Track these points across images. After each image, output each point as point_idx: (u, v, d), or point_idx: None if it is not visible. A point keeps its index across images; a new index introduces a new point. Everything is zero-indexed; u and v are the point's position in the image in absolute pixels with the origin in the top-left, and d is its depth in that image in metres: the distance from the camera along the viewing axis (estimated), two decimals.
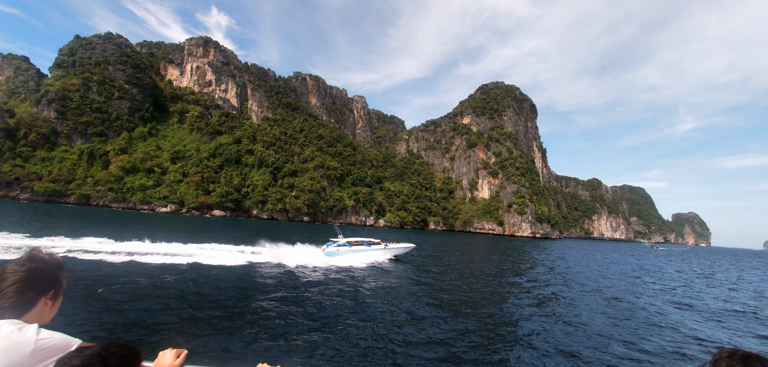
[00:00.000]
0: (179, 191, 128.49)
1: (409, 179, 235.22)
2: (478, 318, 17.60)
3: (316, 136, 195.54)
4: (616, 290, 30.20)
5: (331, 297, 19.44)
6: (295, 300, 18.06)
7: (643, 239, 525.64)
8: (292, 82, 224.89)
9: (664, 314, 21.88)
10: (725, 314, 23.77)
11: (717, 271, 60.12)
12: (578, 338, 15.76)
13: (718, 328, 19.60)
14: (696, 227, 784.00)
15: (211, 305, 16.10)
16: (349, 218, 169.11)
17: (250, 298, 17.88)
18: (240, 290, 19.28)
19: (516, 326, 16.97)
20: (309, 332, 13.71)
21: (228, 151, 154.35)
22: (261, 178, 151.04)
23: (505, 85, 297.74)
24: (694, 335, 17.67)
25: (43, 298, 2.10)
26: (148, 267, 22.62)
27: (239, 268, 25.52)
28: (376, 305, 18.44)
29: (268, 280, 22.45)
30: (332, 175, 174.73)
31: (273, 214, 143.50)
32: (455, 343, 13.76)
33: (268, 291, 19.49)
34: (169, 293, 17.20)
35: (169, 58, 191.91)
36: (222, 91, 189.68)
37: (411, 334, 14.45)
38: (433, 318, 16.91)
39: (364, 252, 36.60)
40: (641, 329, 17.92)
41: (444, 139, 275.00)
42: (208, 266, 24.63)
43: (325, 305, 17.75)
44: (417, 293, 22.57)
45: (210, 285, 19.49)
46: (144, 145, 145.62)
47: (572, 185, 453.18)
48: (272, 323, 14.31)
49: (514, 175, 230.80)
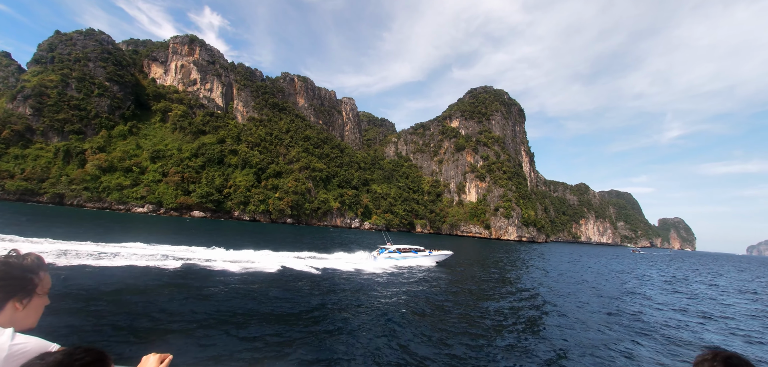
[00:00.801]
0: (158, 191, 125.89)
1: (396, 182, 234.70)
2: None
3: (302, 137, 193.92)
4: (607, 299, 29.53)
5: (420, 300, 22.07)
6: (382, 302, 20.64)
7: (630, 243, 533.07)
8: (279, 83, 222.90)
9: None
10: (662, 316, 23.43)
11: (678, 275, 60.38)
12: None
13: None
14: (681, 232, 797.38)
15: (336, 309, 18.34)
16: (334, 220, 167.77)
17: (338, 301, 20.21)
18: (322, 295, 21.13)
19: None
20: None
21: (210, 151, 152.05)
22: (244, 179, 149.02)
23: (494, 89, 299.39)
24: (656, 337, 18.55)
25: (12, 301, 2.03)
26: (231, 274, 24.22)
27: (302, 274, 27.31)
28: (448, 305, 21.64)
29: (345, 285, 25.16)
30: (318, 177, 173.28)
31: (255, 215, 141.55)
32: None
33: (352, 296, 21.95)
34: (269, 299, 18.64)
35: (153, 56, 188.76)
36: (207, 90, 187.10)
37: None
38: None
39: (411, 258, 40.39)
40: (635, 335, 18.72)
41: (433, 142, 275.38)
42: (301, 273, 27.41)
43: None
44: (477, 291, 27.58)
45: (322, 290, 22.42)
46: (123, 143, 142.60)
47: (560, 189, 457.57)
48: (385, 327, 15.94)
49: (501, 179, 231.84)
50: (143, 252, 28.03)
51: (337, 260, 36.53)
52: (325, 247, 50.52)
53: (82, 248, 26.67)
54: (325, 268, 30.86)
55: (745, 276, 67.99)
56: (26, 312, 2.10)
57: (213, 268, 25.54)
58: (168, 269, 23.48)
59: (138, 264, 23.82)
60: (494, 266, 48.83)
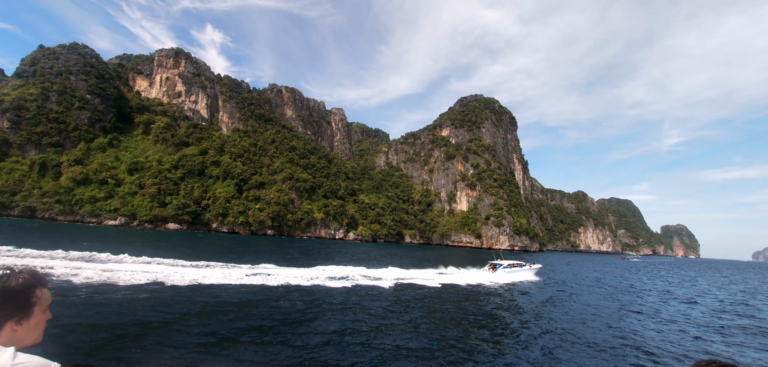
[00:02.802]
0: (132, 204, 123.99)
1: (386, 192, 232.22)
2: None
3: (288, 147, 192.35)
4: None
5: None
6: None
7: (631, 251, 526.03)
8: (266, 94, 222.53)
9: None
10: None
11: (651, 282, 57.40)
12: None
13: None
14: (685, 239, 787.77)
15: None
16: (318, 231, 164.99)
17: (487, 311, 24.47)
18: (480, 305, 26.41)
19: None
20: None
21: (191, 162, 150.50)
22: (224, 190, 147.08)
23: (484, 98, 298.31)
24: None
25: (9, 322, 1.99)
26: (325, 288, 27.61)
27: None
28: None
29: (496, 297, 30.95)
30: (302, 188, 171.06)
31: (234, 227, 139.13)
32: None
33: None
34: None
35: (138, 69, 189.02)
36: (192, 102, 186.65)
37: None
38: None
39: (519, 271, 47.59)
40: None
41: (423, 151, 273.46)
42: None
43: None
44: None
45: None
46: (102, 156, 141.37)
47: (558, 197, 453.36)
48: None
49: (491, 187, 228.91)
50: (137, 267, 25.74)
51: (458, 275, 42.96)
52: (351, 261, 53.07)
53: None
54: (453, 283, 36.53)
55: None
56: (26, 330, 2.06)
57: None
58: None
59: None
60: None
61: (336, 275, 33.28)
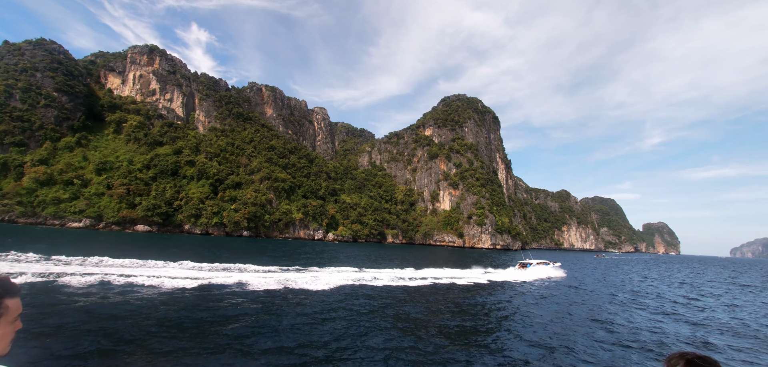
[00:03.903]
0: (99, 205, 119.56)
1: (368, 191, 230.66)
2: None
3: (267, 147, 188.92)
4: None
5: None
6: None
7: (614, 248, 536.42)
8: (245, 93, 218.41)
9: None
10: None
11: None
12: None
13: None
14: (666, 237, 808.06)
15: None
16: (296, 232, 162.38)
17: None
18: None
19: None
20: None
21: (164, 162, 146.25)
22: (198, 191, 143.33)
23: (467, 97, 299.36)
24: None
25: None
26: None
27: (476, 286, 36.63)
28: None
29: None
30: (280, 188, 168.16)
31: (208, 228, 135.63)
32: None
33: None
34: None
35: (110, 66, 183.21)
36: (167, 100, 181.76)
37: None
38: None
39: (545, 267, 56.23)
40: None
41: (406, 150, 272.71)
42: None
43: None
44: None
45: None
46: (69, 155, 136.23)
47: (542, 196, 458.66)
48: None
49: (474, 186, 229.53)
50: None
51: (497, 274, 48.71)
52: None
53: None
54: (496, 280, 42.61)
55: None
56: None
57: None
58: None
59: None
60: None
61: (391, 277, 35.80)
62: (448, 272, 44.98)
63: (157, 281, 24.29)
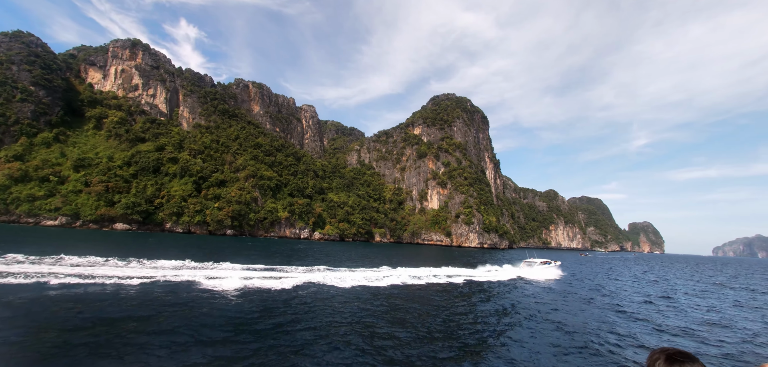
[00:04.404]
0: (76, 202, 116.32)
1: (356, 190, 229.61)
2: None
3: (253, 144, 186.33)
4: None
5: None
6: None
7: (600, 247, 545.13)
8: (232, 89, 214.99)
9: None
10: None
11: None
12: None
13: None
14: (650, 236, 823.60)
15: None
16: (282, 230, 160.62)
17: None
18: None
19: None
20: None
21: (145, 158, 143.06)
22: (181, 188, 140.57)
23: (456, 97, 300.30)
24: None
25: None
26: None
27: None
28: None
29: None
30: (266, 186, 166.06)
31: (190, 227, 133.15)
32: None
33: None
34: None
35: (91, 61, 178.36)
36: (149, 95, 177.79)
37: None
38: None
39: (548, 267, 60.87)
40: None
41: (395, 149, 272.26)
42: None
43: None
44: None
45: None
46: (46, 152, 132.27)
47: (530, 196, 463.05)
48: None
49: (462, 186, 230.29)
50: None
51: (504, 272, 53.56)
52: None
53: None
54: (503, 279, 46.35)
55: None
56: None
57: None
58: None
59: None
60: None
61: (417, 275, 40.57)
62: (452, 270, 48.69)
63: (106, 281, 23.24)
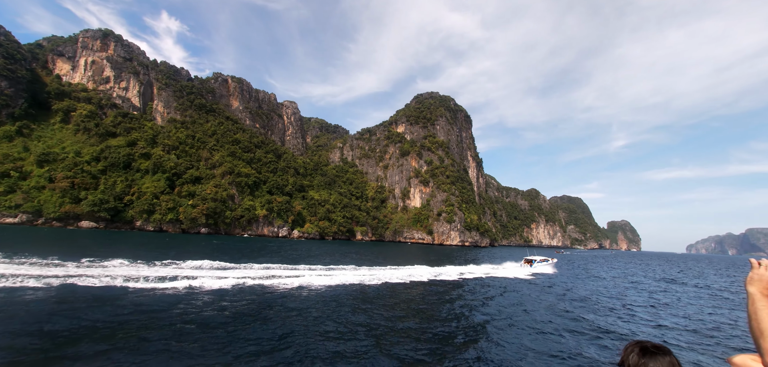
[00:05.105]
0: (39, 199, 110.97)
1: (339, 188, 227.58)
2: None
3: (231, 140, 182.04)
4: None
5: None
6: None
7: (580, 245, 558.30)
8: (209, 83, 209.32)
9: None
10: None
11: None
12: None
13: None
14: (628, 234, 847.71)
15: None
16: (260, 228, 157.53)
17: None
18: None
19: None
20: None
21: (116, 154, 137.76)
22: (153, 185, 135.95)
23: (440, 95, 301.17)
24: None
25: None
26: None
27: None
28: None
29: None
30: (243, 183, 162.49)
31: (162, 225, 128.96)
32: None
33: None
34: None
35: (59, 51, 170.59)
36: (121, 89, 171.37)
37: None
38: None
39: (547, 264, 64.68)
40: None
41: (378, 147, 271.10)
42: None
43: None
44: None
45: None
46: (7, 146, 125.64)
47: (513, 194, 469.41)
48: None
49: (444, 184, 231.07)
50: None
51: (504, 270, 54.86)
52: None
53: None
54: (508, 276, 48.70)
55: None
56: None
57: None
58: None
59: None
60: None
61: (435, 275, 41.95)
62: (459, 269, 51.39)
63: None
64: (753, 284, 2.32)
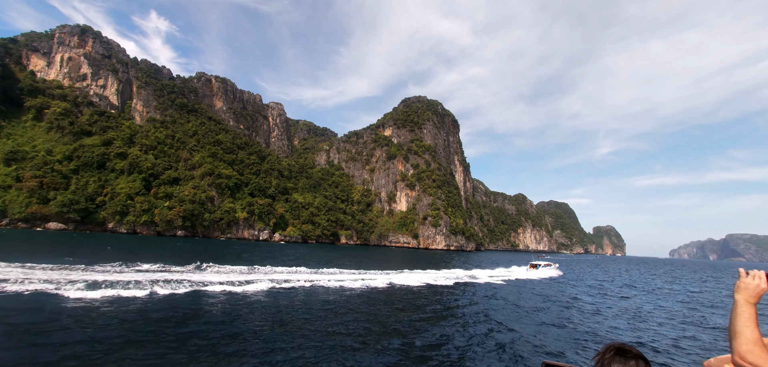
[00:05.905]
0: (4, 199, 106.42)
1: (324, 191, 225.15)
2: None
3: (212, 141, 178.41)
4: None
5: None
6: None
7: (566, 250, 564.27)
8: (192, 83, 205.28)
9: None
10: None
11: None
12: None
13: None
14: (613, 239, 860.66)
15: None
16: (240, 231, 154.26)
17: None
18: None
19: None
20: None
21: (89, 153, 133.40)
22: (127, 186, 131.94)
23: (427, 99, 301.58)
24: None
25: None
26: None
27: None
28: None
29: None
30: (224, 185, 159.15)
31: (136, 227, 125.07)
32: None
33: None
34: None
35: (34, 47, 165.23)
36: (99, 86, 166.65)
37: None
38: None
39: (549, 268, 68.07)
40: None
41: (365, 150, 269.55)
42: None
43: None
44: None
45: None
46: None
47: (500, 199, 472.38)
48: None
49: (430, 188, 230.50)
50: None
51: (511, 273, 59.54)
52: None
53: None
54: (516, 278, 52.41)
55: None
56: None
57: None
58: None
59: None
60: None
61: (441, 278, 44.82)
62: (465, 272, 54.50)
63: None
64: (740, 292, 2.51)
